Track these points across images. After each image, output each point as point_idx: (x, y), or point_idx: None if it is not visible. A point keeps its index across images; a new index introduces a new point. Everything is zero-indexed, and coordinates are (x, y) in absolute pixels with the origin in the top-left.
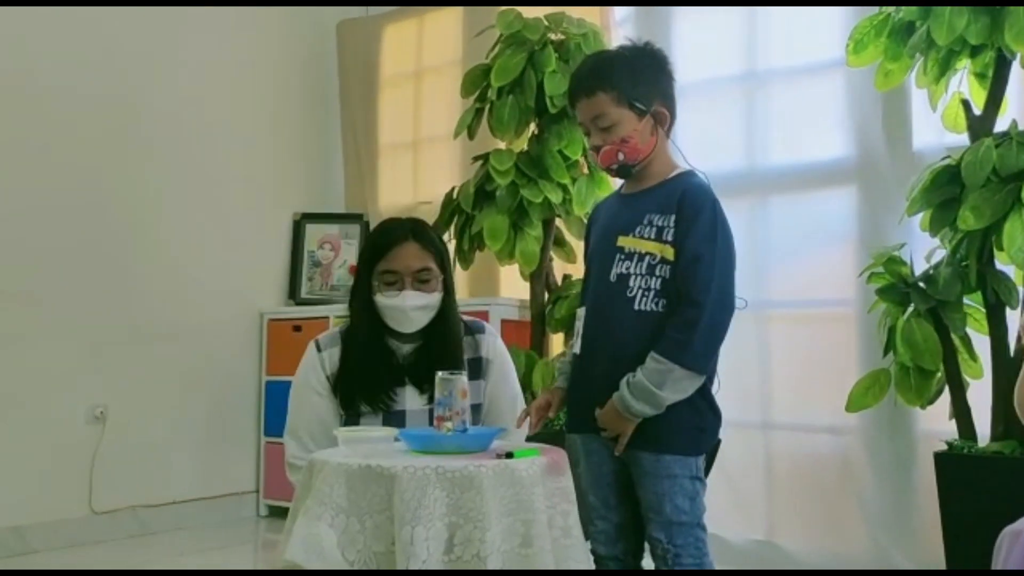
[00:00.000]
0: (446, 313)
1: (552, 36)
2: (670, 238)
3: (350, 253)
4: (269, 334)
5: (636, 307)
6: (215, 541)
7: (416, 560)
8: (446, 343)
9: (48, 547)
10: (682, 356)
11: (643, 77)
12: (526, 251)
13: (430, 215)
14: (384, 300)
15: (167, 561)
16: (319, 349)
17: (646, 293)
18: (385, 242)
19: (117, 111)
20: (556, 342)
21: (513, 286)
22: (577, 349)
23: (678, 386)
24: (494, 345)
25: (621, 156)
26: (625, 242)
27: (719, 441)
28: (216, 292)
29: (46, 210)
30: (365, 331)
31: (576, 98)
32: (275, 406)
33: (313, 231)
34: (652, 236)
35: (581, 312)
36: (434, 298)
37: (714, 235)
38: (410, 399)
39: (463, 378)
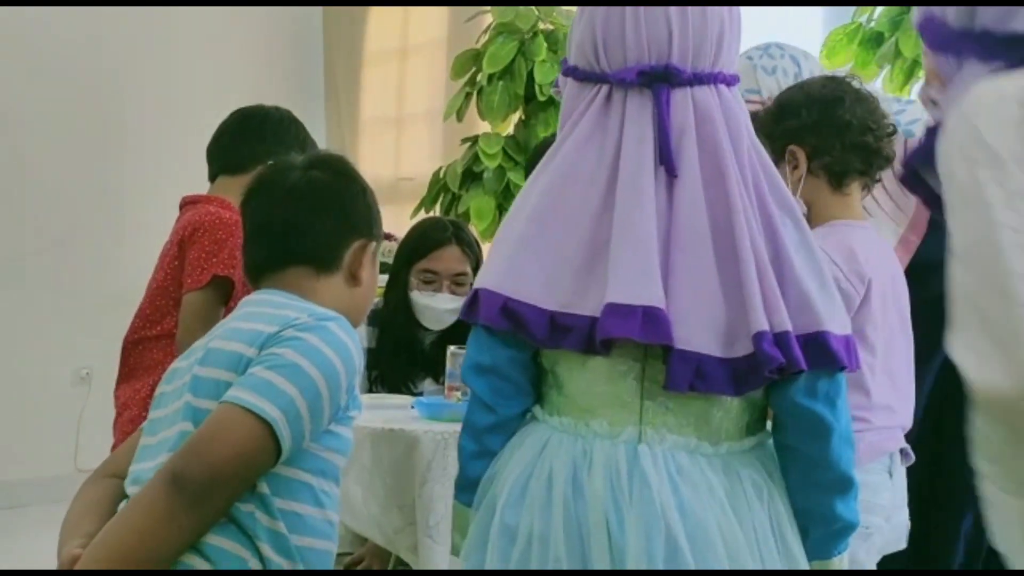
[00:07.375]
0: None
1: (542, 26)
2: None
3: None
4: None
5: None
6: None
7: (435, 515)
8: None
9: (36, 502)
10: None
11: None
12: None
13: (412, 192)
14: (420, 298)
15: None
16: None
17: None
18: (428, 243)
19: (103, 89)
20: None
21: None
22: None
23: None
24: None
25: None
26: None
27: None
28: None
29: (31, 177)
30: (399, 324)
31: None
32: None
33: None
34: None
35: None
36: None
37: None
38: (427, 385)
39: None
